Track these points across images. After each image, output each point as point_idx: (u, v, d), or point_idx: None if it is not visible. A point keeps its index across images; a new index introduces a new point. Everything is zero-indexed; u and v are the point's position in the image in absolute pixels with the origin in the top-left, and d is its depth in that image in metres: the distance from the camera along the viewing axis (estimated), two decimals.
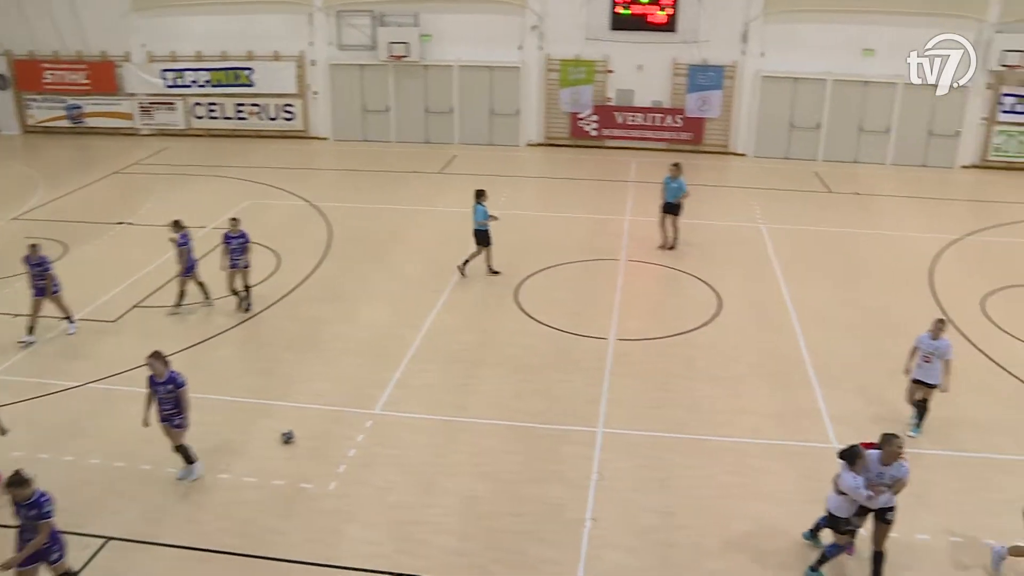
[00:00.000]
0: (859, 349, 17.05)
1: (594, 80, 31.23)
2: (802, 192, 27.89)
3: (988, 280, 20.64)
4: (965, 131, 31.04)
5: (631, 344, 16.98)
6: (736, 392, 15.38)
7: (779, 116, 31.41)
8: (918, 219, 25.45)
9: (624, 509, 12.17)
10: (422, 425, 14.11)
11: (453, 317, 18.00)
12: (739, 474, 13.02)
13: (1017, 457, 13.66)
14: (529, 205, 24.58)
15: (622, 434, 13.94)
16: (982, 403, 15.25)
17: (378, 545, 11.35)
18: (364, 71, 32.01)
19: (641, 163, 30.33)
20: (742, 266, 21.16)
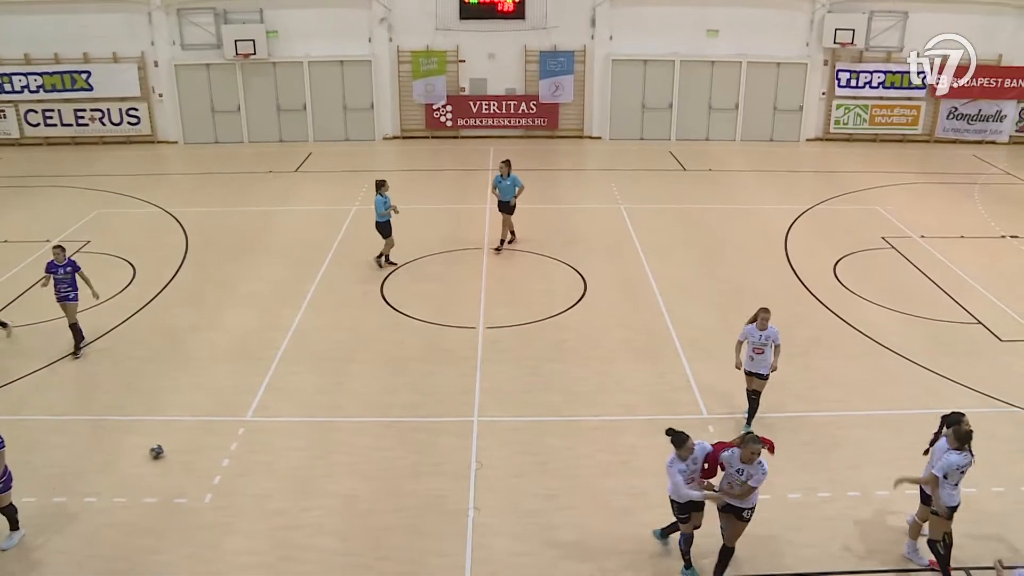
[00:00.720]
0: (723, 321, 17.65)
1: (446, 70, 31.23)
2: (658, 171, 28.64)
3: (838, 246, 21.74)
4: (807, 106, 32.55)
5: (500, 331, 17.11)
6: (607, 371, 15.71)
7: (631, 98, 32.14)
8: (770, 192, 26.54)
9: (506, 496, 12.29)
10: (296, 428, 13.89)
11: (320, 316, 17.76)
12: (616, 452, 13.32)
13: (870, 412, 14.44)
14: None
15: (498, 421, 14.07)
16: (837, 364, 16.06)
17: (260, 555, 11.13)
18: (211, 71, 31.03)
19: (498, 151, 30.47)
20: (605, 247, 21.60)
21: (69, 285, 15.94)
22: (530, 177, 27.24)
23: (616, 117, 32.34)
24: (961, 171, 29.17)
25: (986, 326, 17.65)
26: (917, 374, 15.76)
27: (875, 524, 11.83)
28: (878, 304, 18.51)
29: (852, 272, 20.19)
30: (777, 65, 31.90)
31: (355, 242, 21.64)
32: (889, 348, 16.64)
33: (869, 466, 13.01)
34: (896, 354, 16.43)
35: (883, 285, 19.49)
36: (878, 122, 32.77)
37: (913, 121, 32.78)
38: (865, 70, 31.94)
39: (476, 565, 10.99)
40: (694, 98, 32.21)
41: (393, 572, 10.88)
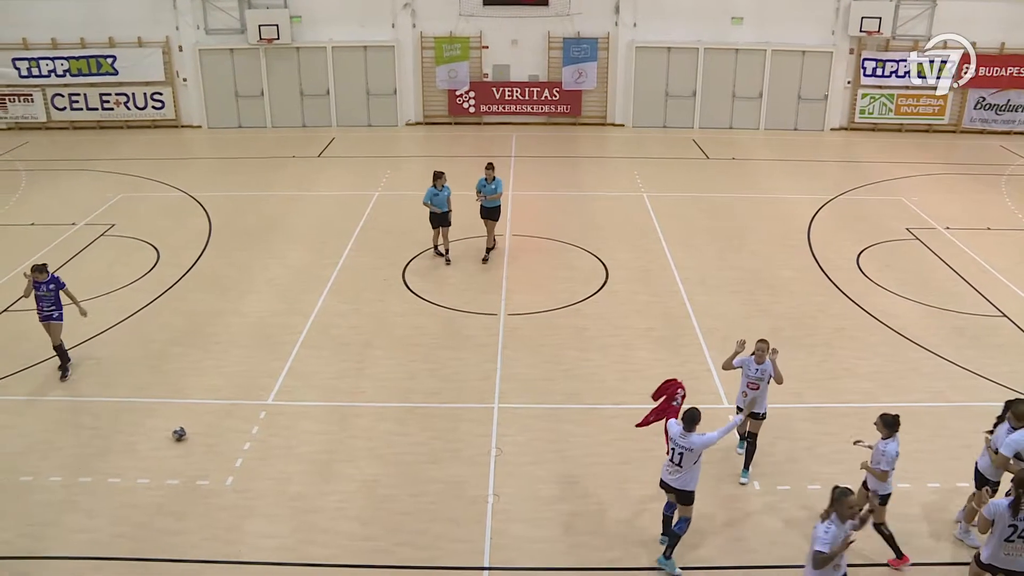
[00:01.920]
0: (744, 309, 17.64)
1: (469, 56, 31.18)
2: (681, 160, 28.52)
3: (861, 237, 21.60)
4: (832, 95, 32.25)
5: (521, 319, 17.13)
6: (627, 359, 15.70)
7: (654, 86, 31.99)
8: (793, 181, 26.38)
9: (525, 482, 12.32)
10: (316, 413, 13.97)
11: (341, 301, 17.82)
12: (635, 439, 13.28)
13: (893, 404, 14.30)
14: (411, 185, 24.41)
15: (518, 408, 14.09)
16: (860, 355, 15.97)
17: (281, 538, 11.21)
18: (235, 55, 31.15)
19: (520, 137, 30.52)
20: (627, 235, 21.55)
21: (52, 303, 14.70)
22: (552, 164, 27.44)
23: (639, 105, 32.21)
24: (988, 162, 28.85)
25: (1011, 319, 17.49)
26: (940, 367, 15.65)
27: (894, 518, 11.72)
28: (902, 296, 18.38)
29: (875, 263, 20.05)
30: (802, 53, 31.64)
31: (377, 228, 21.70)
32: (912, 340, 16.53)
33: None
34: (919, 346, 16.32)
35: (907, 277, 19.35)
36: (904, 112, 32.46)
37: (939, 111, 32.42)
38: (892, 59, 31.62)
39: (494, 551, 11.03)
40: (718, 86, 32.02)
41: (412, 557, 10.93)
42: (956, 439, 10.86)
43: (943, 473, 12.37)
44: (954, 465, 11.83)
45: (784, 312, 17.60)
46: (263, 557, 10.90)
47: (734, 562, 10.97)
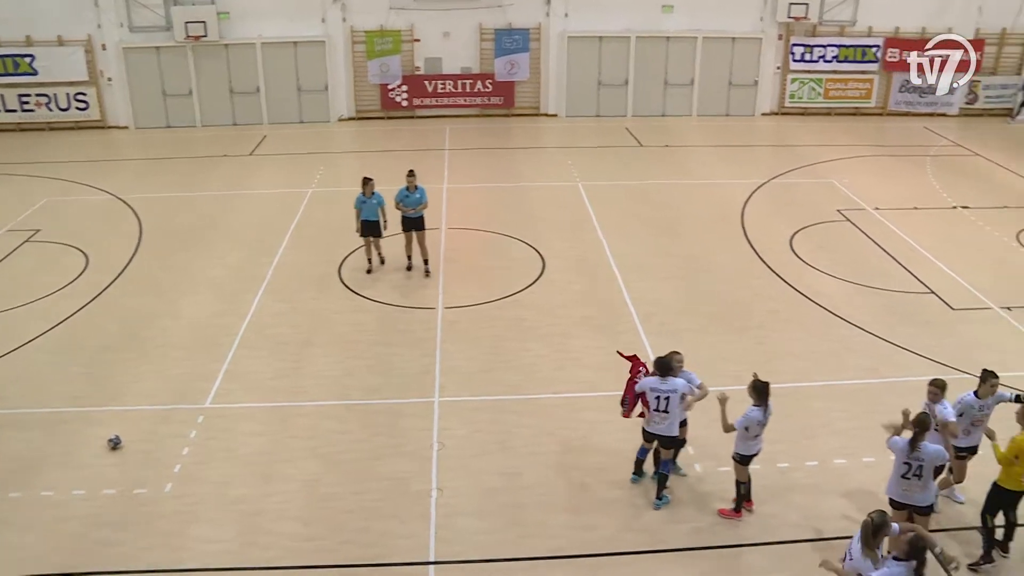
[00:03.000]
0: (680, 295, 17.82)
1: (401, 50, 30.94)
2: (615, 148, 28.69)
3: (794, 219, 21.97)
4: (762, 80, 32.71)
5: (459, 311, 17.10)
6: (566, 348, 15.77)
7: (587, 75, 32.09)
8: (726, 166, 26.71)
9: (468, 475, 12.32)
10: (256, 414, 13.80)
11: (278, 301, 17.61)
12: (576, 428, 13.40)
13: (827, 383, 14.65)
14: (345, 181, 24.20)
15: (458, 401, 14.09)
16: (794, 335, 16.25)
17: (223, 542, 11.06)
18: (161, 54, 30.46)
19: (454, 130, 30.44)
20: (562, 224, 21.63)
21: None
22: (487, 156, 27.44)
23: (572, 94, 32.29)
24: (913, 143, 29.52)
25: (939, 295, 17.93)
26: (872, 344, 15.99)
27: (833, 493, 12.01)
28: (834, 276, 18.73)
29: (808, 245, 20.40)
30: (732, 40, 32.01)
31: (312, 225, 21.49)
32: (845, 319, 16.86)
33: (826, 436, 13.21)
34: (852, 325, 16.65)
35: (838, 257, 19.72)
36: (832, 96, 33.04)
37: (866, 94, 33.09)
38: (819, 44, 32.15)
39: (440, 545, 11.01)
40: (650, 74, 32.25)
41: (357, 555, 10.86)
42: (890, 414, 11.08)
43: (878, 448, 12.58)
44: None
45: (720, 296, 17.82)
46: (206, 563, 10.74)
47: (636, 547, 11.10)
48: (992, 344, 16.06)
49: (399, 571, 10.65)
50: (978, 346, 15.94)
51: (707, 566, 10.79)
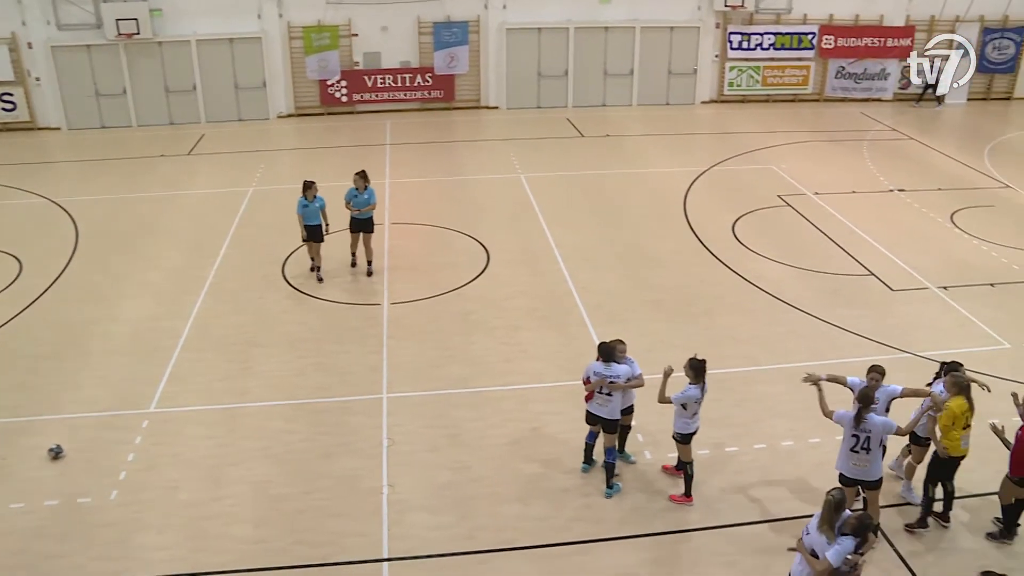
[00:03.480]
0: (625, 284, 17.92)
1: (339, 45, 30.65)
2: (556, 139, 28.73)
3: (735, 206, 22.22)
4: (701, 69, 33.01)
5: (405, 307, 17.01)
6: (513, 340, 15.77)
7: (527, 67, 32.09)
8: (667, 155, 26.91)
9: (419, 471, 12.26)
10: (202, 417, 13.59)
11: (221, 301, 17.35)
12: (525, 420, 13.40)
13: (772, 366, 14.83)
14: (286, 179, 23.95)
15: (407, 397, 14.02)
16: (739, 320, 16.43)
17: (172, 549, 10.87)
18: (92, 52, 29.72)
19: (395, 124, 30.26)
20: (506, 217, 21.62)
21: None
22: (428, 150, 27.34)
23: (512, 86, 32.28)
24: (850, 128, 30.00)
25: (878, 277, 18.26)
26: (817, 327, 16.23)
27: (781, 475, 12.17)
28: (777, 261, 18.97)
29: (750, 230, 20.63)
30: (670, 29, 32.23)
31: (254, 224, 21.21)
32: (788, 303, 17.09)
33: (773, 419, 13.38)
34: (795, 308, 16.88)
35: (780, 242, 19.97)
36: (770, 83, 33.45)
37: (803, 81, 33.56)
38: (756, 32, 32.52)
39: (393, 542, 10.96)
40: (589, 65, 32.35)
41: (309, 555, 10.76)
42: (837, 395, 11.24)
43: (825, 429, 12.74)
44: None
45: (665, 284, 17.95)
46: (155, 571, 10.53)
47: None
48: (931, 323, 16.41)
49: (353, 570, 10.57)
50: (918, 326, 16.27)
51: (659, 552, 10.87)
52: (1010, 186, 24.05)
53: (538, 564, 10.65)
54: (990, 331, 16.09)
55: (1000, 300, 17.35)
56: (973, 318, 16.57)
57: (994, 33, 33.32)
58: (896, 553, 10.77)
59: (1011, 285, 17.98)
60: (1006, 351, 15.35)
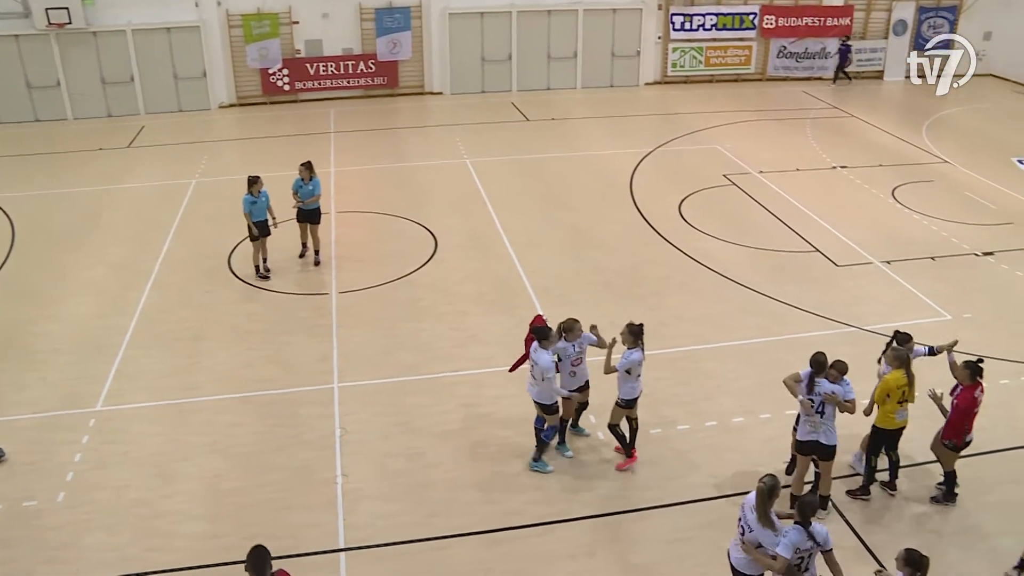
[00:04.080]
0: (573, 266, 17.97)
1: (280, 33, 30.21)
2: (501, 123, 28.67)
3: (681, 186, 22.38)
4: (644, 51, 33.11)
5: (354, 295, 16.90)
6: (463, 326, 15.76)
7: (470, 52, 31.95)
8: (612, 137, 26.98)
9: (372, 459, 12.22)
10: (150, 414, 13.38)
11: (166, 296, 17.07)
12: (478, 404, 13.41)
13: (721, 344, 14.97)
14: (230, 170, 23.63)
15: (358, 385, 13.95)
16: (687, 300, 16.56)
17: (123, 549, 10.69)
18: (21, 42, 28.78)
19: (339, 112, 29.98)
20: (453, 202, 21.55)
21: None
22: (373, 137, 27.14)
23: (456, 71, 32.13)
24: (793, 107, 30.34)
25: (823, 253, 18.51)
26: (764, 304, 16.42)
27: (732, 451, 12.31)
28: (723, 239, 19.14)
29: (696, 210, 20.79)
30: (613, 11, 32.27)
31: (198, 216, 20.88)
32: (735, 281, 17.26)
33: (723, 396, 13.52)
34: (742, 286, 17.06)
35: (726, 221, 20.15)
36: (713, 63, 33.66)
37: (746, 61, 33.84)
38: (698, 13, 32.68)
39: (349, 531, 10.92)
40: (533, 48, 32.29)
41: None
42: (786, 371, 11.38)
43: (775, 404, 12.99)
44: (785, 396, 12.35)
45: (613, 266, 18.03)
46: (106, 572, 10.36)
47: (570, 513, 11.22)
48: (875, 297, 16.69)
49: (309, 561, 10.49)
50: (862, 300, 16.55)
51: (614, 531, 10.95)
52: (948, 161, 24.51)
53: (495, 548, 10.67)
54: (932, 303, 16.42)
55: (941, 272, 17.69)
56: (915, 291, 16.89)
57: (929, 12, 33.88)
58: (845, 522, 10.96)
59: (951, 258, 18.35)
60: (947, 323, 15.68)
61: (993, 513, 11.23)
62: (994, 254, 18.55)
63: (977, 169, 23.78)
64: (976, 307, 16.33)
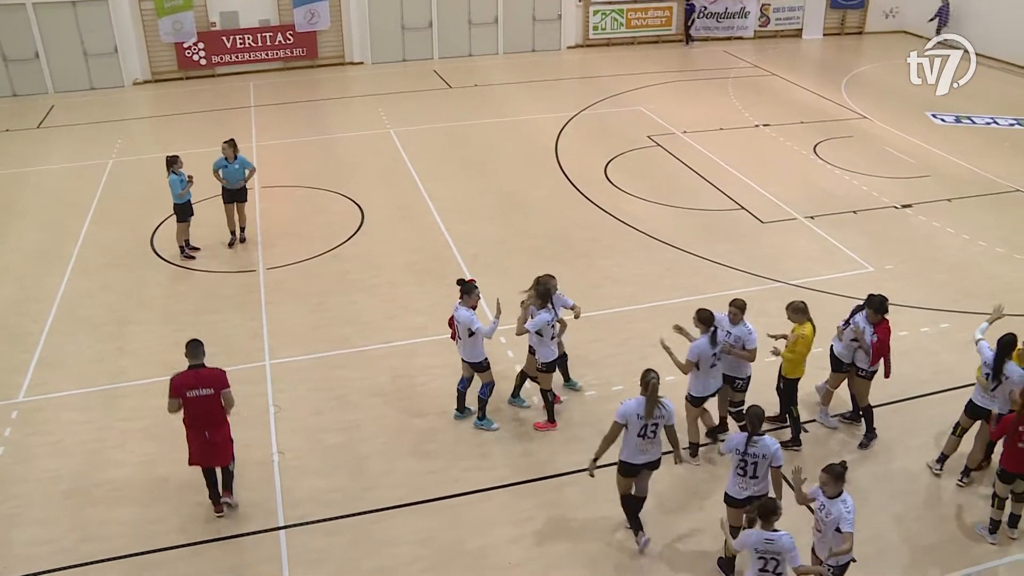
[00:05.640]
0: (501, 232, 17.95)
1: (193, 5, 29.43)
2: (424, 91, 28.43)
3: (606, 148, 22.47)
4: (565, 14, 33.07)
5: (281, 271, 16.67)
6: (394, 297, 15.67)
7: (390, 20, 31.59)
8: (536, 102, 26.94)
9: (308, 435, 12.12)
10: (77, 401, 13.04)
11: (88, 280, 16.62)
12: (411, 375, 13.37)
13: (654, 304, 15.11)
14: (148, 148, 23.06)
15: (291, 361, 13.80)
16: (618, 262, 16.67)
17: (56, 541, 10.41)
18: None
19: (259, 86, 29.39)
20: (378, 172, 21.35)
21: None
22: (294, 109, 26.69)
23: (376, 40, 31.71)
24: (714, 67, 30.61)
25: (748, 211, 18.77)
26: (693, 263, 16.62)
27: None
28: (650, 200, 19.28)
29: (622, 172, 20.90)
30: None
31: (117, 197, 20.33)
32: (664, 241, 17.42)
33: (656, 355, 13.56)
34: (671, 246, 17.23)
35: (653, 182, 20.30)
36: (634, 25, 33.77)
37: (667, 22, 34.01)
38: None
39: (288, 509, 10.81)
40: (453, 15, 32.03)
41: (204, 531, 10.51)
42: None
43: None
44: None
45: (541, 230, 18.06)
46: (39, 566, 10.06)
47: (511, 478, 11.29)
48: (800, 252, 17.01)
49: (250, 541, 10.38)
50: (788, 255, 16.85)
51: (553, 495, 11.02)
52: (866, 116, 25.00)
53: (436, 517, 10.67)
54: (855, 256, 16.79)
55: (862, 226, 18.09)
56: (839, 244, 17.26)
57: None
58: None
59: (872, 211, 18.77)
60: (870, 274, 16.05)
61: (919, 455, 11.58)
62: (912, 206, 19.02)
63: (894, 124, 24.32)
64: (897, 258, 16.76)
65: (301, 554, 10.15)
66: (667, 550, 10.13)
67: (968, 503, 10.78)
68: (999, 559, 10.00)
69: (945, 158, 21.87)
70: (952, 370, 13.14)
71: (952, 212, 18.83)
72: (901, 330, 14.07)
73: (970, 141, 23.24)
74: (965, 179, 20.58)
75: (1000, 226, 18.17)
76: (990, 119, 24.77)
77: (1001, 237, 17.64)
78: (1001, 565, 9.94)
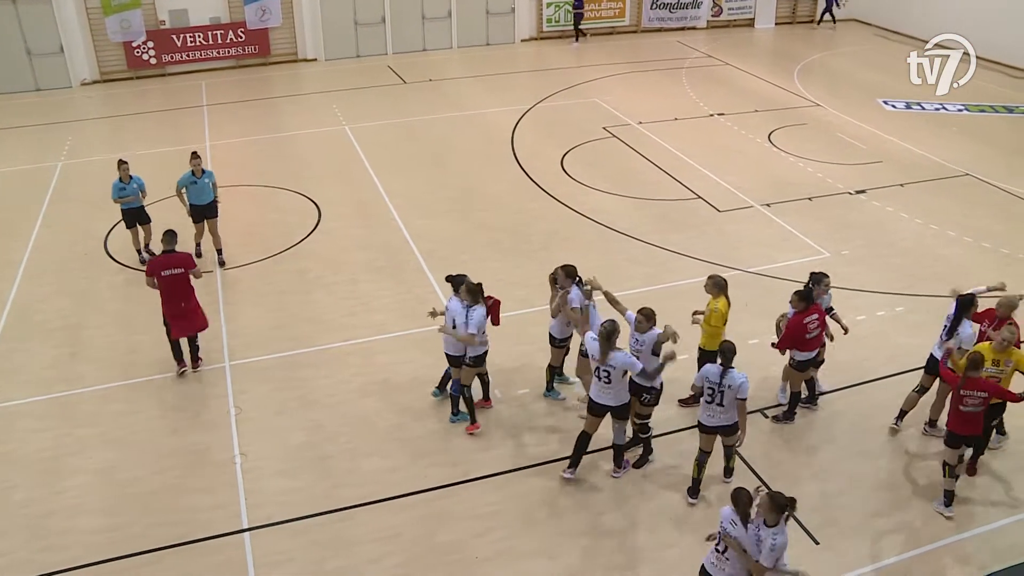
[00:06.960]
0: (460, 227, 17.91)
1: (142, 3, 28.96)
2: (379, 87, 28.25)
3: (562, 141, 22.48)
4: (519, 7, 33.05)
5: (238, 271, 16.49)
6: (353, 294, 15.57)
7: (343, 15, 31.35)
8: (491, 95, 26.89)
9: (271, 436, 12.01)
10: (32, 409, 12.78)
11: (40, 285, 16.30)
12: (373, 372, 13.30)
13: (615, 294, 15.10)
14: (98, 150, 22.68)
15: (251, 362, 13.65)
16: (576, 254, 16.62)
17: (13, 553, 10.20)
18: None
19: (211, 84, 29.02)
20: (334, 170, 21.19)
21: None
22: (248, 108, 26.41)
23: (329, 37, 31.46)
24: (668, 57, 30.75)
25: (705, 200, 18.88)
26: (651, 253, 16.69)
27: None
28: (607, 192, 19.33)
29: (579, 164, 20.93)
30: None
31: (68, 200, 19.95)
32: (622, 232, 17.47)
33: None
34: (629, 237, 17.29)
35: (609, 173, 20.36)
36: (588, 17, 33.77)
37: (620, 13, 34.12)
38: None
39: (251, 510, 10.70)
40: (406, 10, 31.85)
41: (168, 536, 10.36)
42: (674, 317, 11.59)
43: None
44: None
45: (500, 224, 18.04)
46: None
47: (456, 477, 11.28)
48: (757, 239, 17.15)
49: (214, 544, 10.26)
50: (745, 243, 16.99)
51: (519, 487, 11.02)
52: (819, 104, 25.28)
53: (402, 514, 10.63)
54: (810, 242, 16.97)
55: (817, 212, 18.29)
56: (794, 231, 17.43)
57: None
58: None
59: (826, 197, 18.98)
60: (826, 259, 16.22)
61: (877, 436, 11.75)
62: (866, 192, 19.27)
63: (846, 111, 24.61)
64: (852, 243, 16.97)
65: (267, 555, 10.06)
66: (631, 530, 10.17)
67: (931, 481, 10.94)
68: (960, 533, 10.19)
69: (897, 144, 22.18)
70: (909, 353, 13.30)
71: (905, 197, 19.10)
72: (858, 314, 14.27)
73: (920, 127, 23.59)
74: (916, 164, 20.89)
75: (951, 210, 18.47)
76: (939, 105, 25.13)
77: (952, 220, 17.94)
78: (966, 538, 10.12)
